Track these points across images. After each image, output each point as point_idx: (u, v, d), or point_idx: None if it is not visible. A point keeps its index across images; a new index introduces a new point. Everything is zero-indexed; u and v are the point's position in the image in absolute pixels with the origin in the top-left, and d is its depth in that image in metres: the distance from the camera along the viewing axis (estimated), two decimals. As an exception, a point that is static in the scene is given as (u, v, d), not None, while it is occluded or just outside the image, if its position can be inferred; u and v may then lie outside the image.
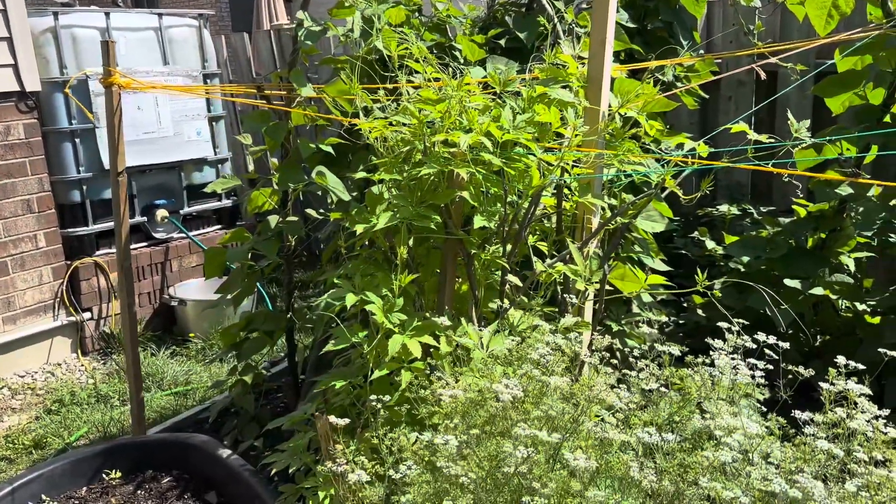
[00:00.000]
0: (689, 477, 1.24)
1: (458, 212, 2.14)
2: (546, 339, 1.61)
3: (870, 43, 3.20)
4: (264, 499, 2.60)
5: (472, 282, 2.15)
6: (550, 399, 1.42)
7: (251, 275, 3.34)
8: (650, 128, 2.46)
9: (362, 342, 1.92)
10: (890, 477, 1.18)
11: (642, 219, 3.31)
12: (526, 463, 1.33)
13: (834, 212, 3.52)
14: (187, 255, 5.59)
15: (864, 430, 1.26)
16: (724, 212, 4.25)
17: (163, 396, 4.38)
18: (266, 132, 2.97)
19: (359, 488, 1.54)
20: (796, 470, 1.20)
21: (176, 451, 3.06)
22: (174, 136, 5.36)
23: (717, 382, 1.40)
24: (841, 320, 3.66)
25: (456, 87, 2.07)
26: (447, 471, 1.32)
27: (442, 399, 1.49)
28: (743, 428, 1.23)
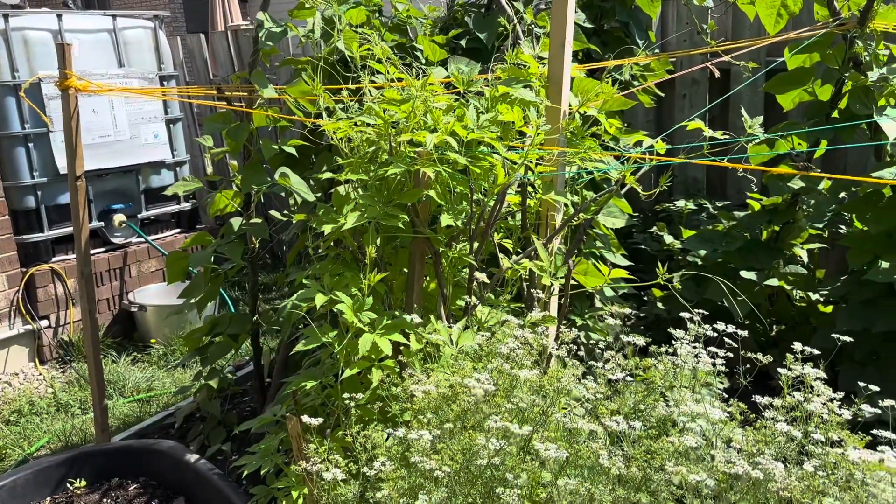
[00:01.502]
0: (655, 463, 1.28)
1: (424, 211, 2.16)
2: (515, 334, 1.64)
3: (817, 41, 3.31)
4: (234, 502, 2.59)
5: (440, 280, 2.17)
6: (521, 392, 1.45)
7: (215, 278, 3.31)
8: (610, 126, 2.52)
9: (333, 342, 1.93)
10: (845, 455, 1.24)
11: (603, 215, 3.38)
12: (498, 455, 1.36)
13: (787, 205, 3.63)
14: (146, 259, 5.51)
15: (821, 412, 1.32)
16: (681, 207, 4.35)
17: (125, 404, 4.31)
18: (227, 134, 2.95)
19: (333, 486, 1.55)
20: (758, 452, 1.25)
21: (142, 458, 3.02)
22: (131, 139, 5.28)
23: (679, 371, 1.45)
24: (796, 310, 3.77)
25: (420, 88, 2.09)
26: (422, 465, 1.34)
27: (415, 395, 1.51)
28: (706, 414, 1.28)
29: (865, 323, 3.30)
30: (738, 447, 1.30)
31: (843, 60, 3.29)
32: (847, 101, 3.33)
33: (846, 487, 1.24)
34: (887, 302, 3.24)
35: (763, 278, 3.54)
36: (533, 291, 2.11)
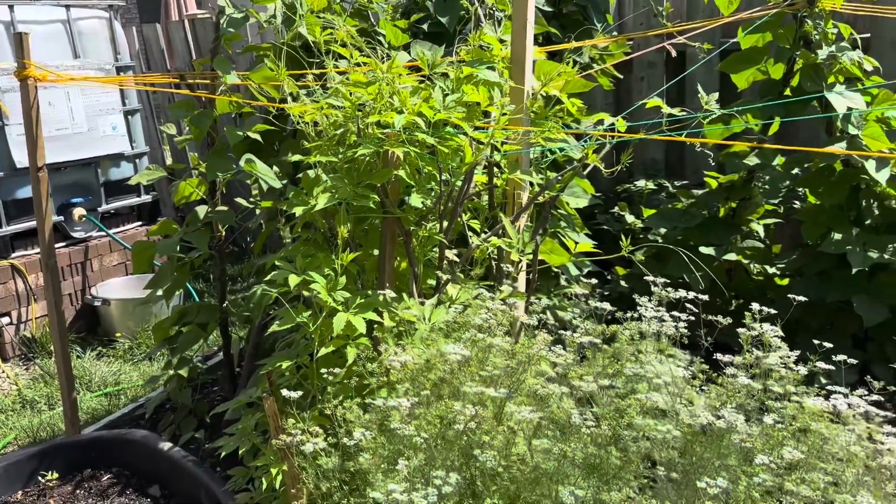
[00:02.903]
0: (624, 421, 1.34)
1: (394, 191, 2.20)
2: (487, 306, 1.69)
3: (769, 21, 3.41)
4: (210, 487, 2.61)
5: (411, 258, 2.21)
6: (494, 358, 1.50)
7: (181, 268, 3.30)
8: (572, 106, 2.58)
9: (307, 322, 1.96)
10: (803, 406, 1.31)
11: (567, 195, 3.45)
12: (474, 419, 1.41)
13: (743, 182, 3.74)
14: (108, 253, 5.44)
15: (779, 369, 1.39)
16: (642, 187, 4.44)
17: (92, 398, 4.27)
18: (191, 121, 2.94)
19: (314, 459, 1.59)
20: (720, 406, 1.32)
21: (115, 449, 3.01)
22: (88, 131, 5.19)
23: (645, 333, 1.52)
24: (754, 283, 3.89)
25: (385, 70, 2.12)
26: (400, 432, 1.38)
27: (391, 369, 1.55)
28: (671, 372, 1.34)
29: (819, 294, 3.43)
30: (702, 404, 1.37)
31: (794, 39, 3.40)
32: (798, 79, 3.45)
33: (802, 438, 1.32)
34: (839, 273, 3.37)
35: (721, 253, 3.64)
36: (503, 266, 2.16)
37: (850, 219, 3.47)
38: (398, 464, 1.40)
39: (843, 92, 3.24)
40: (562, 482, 1.27)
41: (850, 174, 3.39)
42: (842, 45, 3.35)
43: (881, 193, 3.41)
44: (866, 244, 3.29)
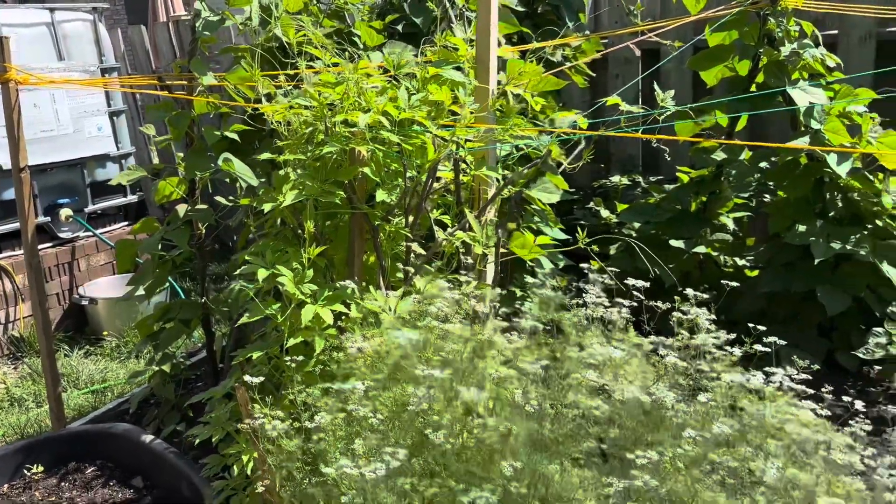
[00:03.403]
0: (567, 400, 1.43)
1: (361, 188, 2.28)
2: (444, 295, 1.77)
3: (734, 19, 3.51)
4: (190, 477, 2.69)
5: (378, 253, 2.29)
6: (449, 343, 1.59)
7: (163, 265, 3.38)
8: (535, 104, 2.66)
9: (275, 313, 2.04)
10: (731, 384, 1.40)
11: (539, 190, 3.54)
12: (427, 400, 1.50)
13: (712, 176, 3.83)
14: (95, 253, 5.50)
15: (708, 347, 1.48)
16: (616, 183, 4.53)
17: (80, 395, 4.34)
18: (169, 122, 3.01)
19: (279, 443, 1.67)
20: (653, 384, 1.41)
21: (98, 442, 3.09)
22: (74, 132, 5.26)
23: (591, 319, 1.61)
24: (724, 276, 3.98)
25: (352, 70, 2.20)
26: (356, 413, 1.47)
27: (350, 353, 1.64)
28: (608, 354, 1.43)
29: (785, 284, 3.53)
30: (638, 384, 1.46)
31: (759, 37, 3.50)
32: (763, 76, 3.54)
33: (732, 413, 1.41)
34: (804, 264, 3.47)
35: (691, 246, 3.74)
36: (464, 258, 2.24)
37: (816, 211, 3.56)
38: (354, 444, 1.48)
39: (805, 88, 3.34)
40: (504, 457, 1.36)
41: (814, 168, 3.49)
42: (804, 42, 3.45)
43: (845, 186, 3.51)
44: (830, 235, 3.39)
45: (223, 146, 3.16)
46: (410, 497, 1.56)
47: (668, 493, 1.26)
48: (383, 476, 1.32)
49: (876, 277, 3.37)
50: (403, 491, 1.55)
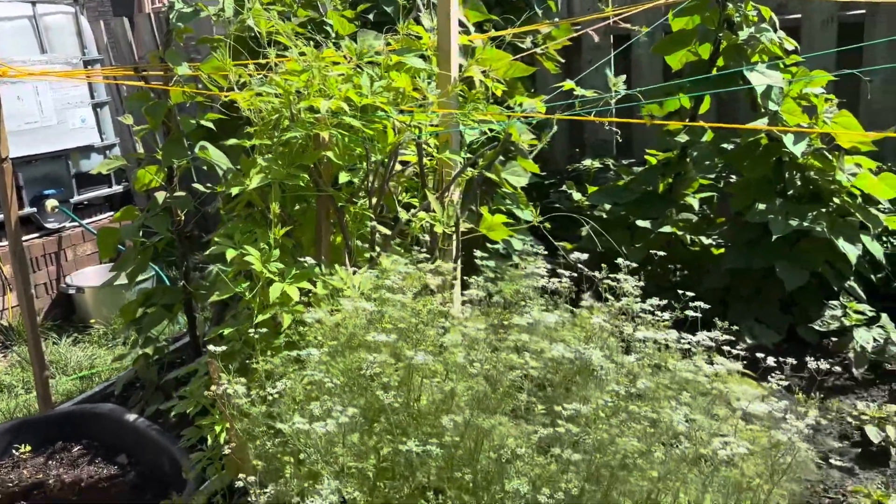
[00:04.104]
0: (502, 359, 1.55)
1: (327, 171, 2.39)
2: (399, 270, 1.89)
3: (694, 4, 3.62)
4: (172, 452, 2.80)
5: (344, 233, 2.41)
6: (399, 313, 1.71)
7: (144, 251, 3.48)
8: (497, 89, 2.76)
9: (244, 291, 2.15)
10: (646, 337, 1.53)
11: (508, 174, 3.65)
12: (378, 365, 1.62)
13: (677, 158, 3.95)
14: (81, 243, 5.60)
15: (635, 309, 1.60)
16: (588, 166, 4.65)
17: (68, 381, 4.45)
18: (146, 111, 3.11)
19: (244, 410, 1.79)
20: (585, 344, 1.53)
21: (84, 422, 3.20)
22: (58, 124, 5.34)
23: (533, 289, 1.72)
24: (690, 255, 4.10)
25: (315, 59, 2.31)
26: (310, 377, 1.59)
27: (308, 321, 1.75)
28: (543, 319, 1.55)
29: (747, 262, 3.66)
30: (573, 347, 1.57)
31: (719, 21, 3.61)
32: (723, 59, 3.66)
33: (657, 372, 1.53)
34: (765, 241, 3.59)
35: (657, 226, 3.86)
36: (424, 237, 2.36)
37: (776, 190, 3.69)
38: (310, 405, 1.60)
39: (762, 70, 3.45)
40: (446, 413, 1.48)
41: (773, 148, 3.61)
42: (762, 26, 3.56)
43: (803, 165, 3.63)
44: (788, 213, 3.51)
45: (200, 135, 3.26)
46: (366, 454, 1.68)
47: (593, 441, 1.38)
48: (334, 430, 1.44)
49: (833, 253, 3.50)
50: (360, 450, 1.67)
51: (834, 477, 2.77)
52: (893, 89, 4.26)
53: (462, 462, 1.50)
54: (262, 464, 1.70)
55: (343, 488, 1.49)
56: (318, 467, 1.56)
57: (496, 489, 1.41)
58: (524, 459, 1.40)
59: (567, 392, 1.50)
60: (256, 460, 1.67)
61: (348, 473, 1.64)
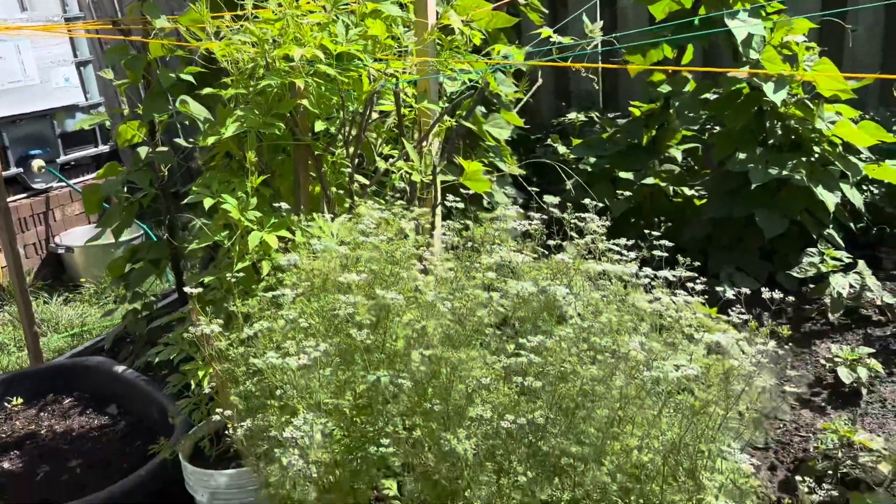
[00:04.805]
0: (470, 295, 1.59)
1: (303, 120, 2.40)
2: (372, 215, 1.92)
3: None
4: (160, 401, 2.87)
5: (322, 183, 2.43)
6: (373, 253, 1.74)
7: (129, 207, 3.50)
8: (475, 36, 2.76)
9: (223, 239, 2.18)
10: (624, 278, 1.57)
11: (491, 126, 3.66)
12: (353, 306, 1.66)
13: (660, 109, 3.96)
14: (70, 203, 5.61)
15: (601, 248, 1.65)
16: (573, 119, 4.65)
17: (59, 339, 4.50)
18: (126, 65, 3.10)
19: (223, 352, 1.83)
20: (551, 280, 1.57)
21: (74, 375, 3.26)
22: (41, 83, 5.31)
23: (502, 233, 1.76)
24: (673, 206, 4.14)
25: (290, 6, 2.30)
26: (285, 315, 1.63)
27: (283, 264, 1.79)
28: (512, 259, 1.59)
29: (728, 211, 3.70)
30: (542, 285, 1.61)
31: (701, -31, 3.59)
32: (705, 8, 3.64)
33: (620, 306, 1.57)
34: (745, 191, 3.62)
35: (640, 178, 3.89)
36: (403, 185, 2.38)
37: (758, 140, 3.71)
38: (285, 344, 1.65)
39: (744, 18, 3.45)
40: (416, 348, 1.53)
41: (754, 97, 3.62)
42: (744, -27, 3.54)
43: (784, 114, 3.64)
44: (769, 162, 3.54)
45: (181, 89, 3.25)
46: (342, 390, 1.73)
47: (556, 371, 1.43)
48: (307, 364, 1.49)
49: (812, 202, 3.54)
50: (337, 388, 1.72)
51: (805, 417, 2.85)
52: (877, 38, 4.26)
53: (432, 394, 1.55)
54: (241, 402, 1.75)
55: (317, 420, 1.54)
56: (294, 402, 1.61)
57: (463, 418, 1.46)
58: (489, 389, 1.45)
59: (534, 328, 1.54)
60: (235, 398, 1.71)
61: (325, 410, 1.69)
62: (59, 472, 2.73)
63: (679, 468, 1.39)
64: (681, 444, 1.36)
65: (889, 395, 2.87)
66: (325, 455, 1.65)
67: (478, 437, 1.41)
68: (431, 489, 1.58)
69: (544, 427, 1.45)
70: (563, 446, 1.41)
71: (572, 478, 1.46)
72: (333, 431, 1.69)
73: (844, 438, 2.52)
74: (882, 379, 2.96)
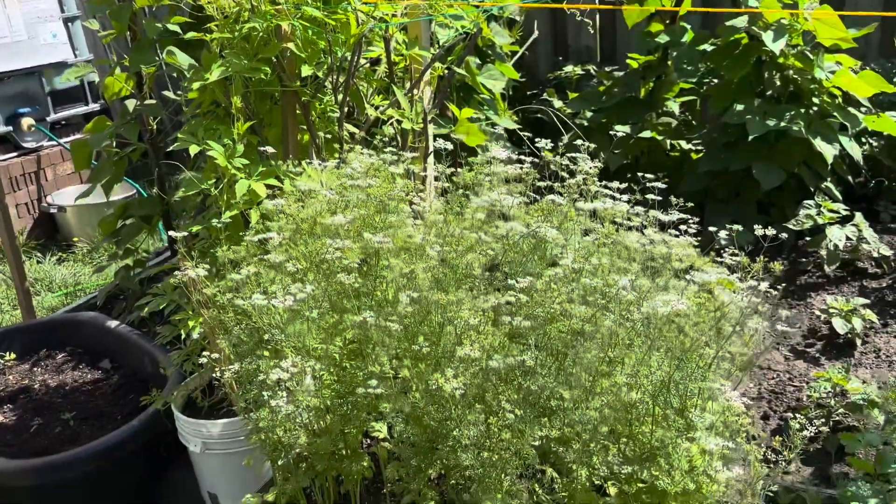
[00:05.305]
0: (458, 236, 1.57)
1: (290, 66, 2.35)
2: (360, 160, 1.88)
3: None
4: (154, 354, 2.85)
5: (311, 130, 2.39)
6: (359, 194, 1.71)
7: (119, 162, 3.45)
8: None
9: (209, 187, 2.15)
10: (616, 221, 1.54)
11: (485, 78, 3.60)
12: (340, 250, 1.63)
13: (658, 60, 3.89)
14: (61, 162, 5.55)
15: (592, 190, 1.62)
16: (570, 72, 4.58)
17: (53, 298, 4.49)
18: (111, 15, 3.03)
19: (211, 299, 1.81)
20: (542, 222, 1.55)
21: (66, 330, 3.24)
22: (28, 39, 5.21)
23: (493, 174, 1.73)
24: (671, 161, 4.10)
25: (274, -52, 2.23)
26: (271, 259, 1.60)
27: (269, 208, 1.76)
28: (501, 200, 1.56)
29: (725, 163, 3.65)
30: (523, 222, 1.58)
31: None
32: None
33: (612, 247, 1.55)
34: (743, 143, 3.58)
35: (637, 131, 3.84)
36: (389, 128, 2.34)
37: (756, 91, 3.65)
38: (272, 287, 1.62)
39: (744, -35, 3.37)
40: (402, 291, 1.50)
41: (753, 47, 3.55)
42: (744, -82, 3.45)
43: (783, 65, 3.58)
44: (766, 113, 3.48)
45: (169, 41, 3.18)
46: (331, 336, 1.71)
47: (545, 312, 1.41)
48: (292, 306, 1.46)
49: (810, 153, 3.49)
50: (327, 334, 1.70)
51: (799, 368, 2.85)
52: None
53: (422, 338, 1.54)
54: (230, 348, 1.73)
55: (305, 364, 1.53)
56: (282, 346, 1.60)
57: (452, 360, 1.45)
58: (479, 330, 1.43)
59: (524, 272, 1.52)
60: (223, 342, 1.70)
61: (315, 356, 1.67)
62: (53, 424, 2.73)
63: (669, 407, 1.38)
64: (670, 383, 1.35)
65: (884, 346, 2.87)
66: (315, 401, 1.64)
67: (466, 377, 1.39)
68: (421, 432, 1.57)
69: (533, 369, 1.44)
70: (551, 386, 1.40)
71: (562, 419, 1.45)
72: (323, 376, 1.68)
73: (838, 387, 2.52)
74: (877, 329, 2.95)
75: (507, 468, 1.44)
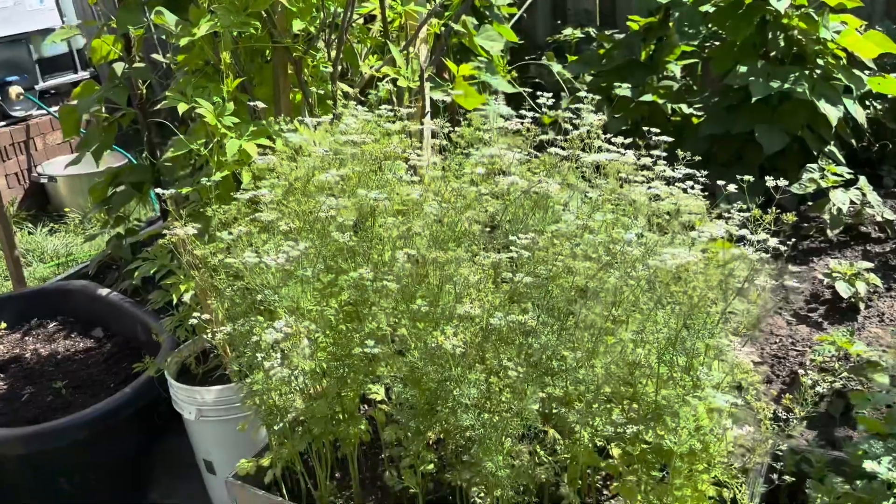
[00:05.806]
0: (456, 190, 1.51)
1: (281, 21, 2.27)
2: (353, 114, 1.82)
3: None
4: (145, 321, 2.81)
5: (303, 88, 2.31)
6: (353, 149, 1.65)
7: (108, 128, 3.37)
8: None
9: (199, 147, 2.08)
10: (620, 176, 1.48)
11: (482, 38, 3.51)
12: (335, 208, 1.57)
13: (659, 22, 3.80)
14: (51, 132, 5.46)
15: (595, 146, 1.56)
16: (569, 35, 4.49)
17: (45, 269, 4.43)
18: (96, -27, 2.93)
19: (203, 260, 1.75)
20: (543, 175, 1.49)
21: (58, 298, 3.19)
22: (14, 5, 5.09)
23: (492, 131, 1.66)
24: (673, 125, 4.02)
25: None
26: (263, 217, 1.55)
27: (259, 166, 1.70)
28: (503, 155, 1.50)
29: (726, 126, 3.58)
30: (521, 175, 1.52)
31: None
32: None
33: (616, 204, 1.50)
34: (745, 106, 3.51)
35: (637, 94, 3.76)
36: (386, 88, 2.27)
37: (760, 53, 3.57)
38: (265, 247, 1.57)
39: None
40: (401, 248, 1.45)
41: (757, 7, 3.46)
42: None
43: (788, 25, 3.50)
44: (770, 75, 3.41)
45: (157, 1, 3.09)
46: (325, 297, 1.66)
47: (547, 269, 1.36)
48: (286, 268, 1.41)
49: (814, 116, 3.43)
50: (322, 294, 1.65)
51: (802, 332, 2.81)
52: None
53: (420, 295, 1.49)
54: (222, 310, 1.68)
55: (300, 325, 1.48)
56: (275, 307, 1.54)
57: (451, 318, 1.40)
58: (478, 288, 1.38)
59: (525, 228, 1.46)
60: (214, 303, 1.65)
61: (310, 318, 1.62)
62: (45, 393, 2.69)
63: (675, 366, 1.33)
64: (677, 340, 1.30)
65: (887, 310, 2.83)
66: (310, 364, 1.60)
67: (466, 336, 1.34)
68: (420, 393, 1.52)
69: (535, 329, 1.39)
70: (554, 344, 1.35)
71: (564, 378, 1.41)
72: (319, 339, 1.63)
73: (842, 350, 2.48)
74: (881, 293, 2.91)
75: (509, 429, 1.40)
